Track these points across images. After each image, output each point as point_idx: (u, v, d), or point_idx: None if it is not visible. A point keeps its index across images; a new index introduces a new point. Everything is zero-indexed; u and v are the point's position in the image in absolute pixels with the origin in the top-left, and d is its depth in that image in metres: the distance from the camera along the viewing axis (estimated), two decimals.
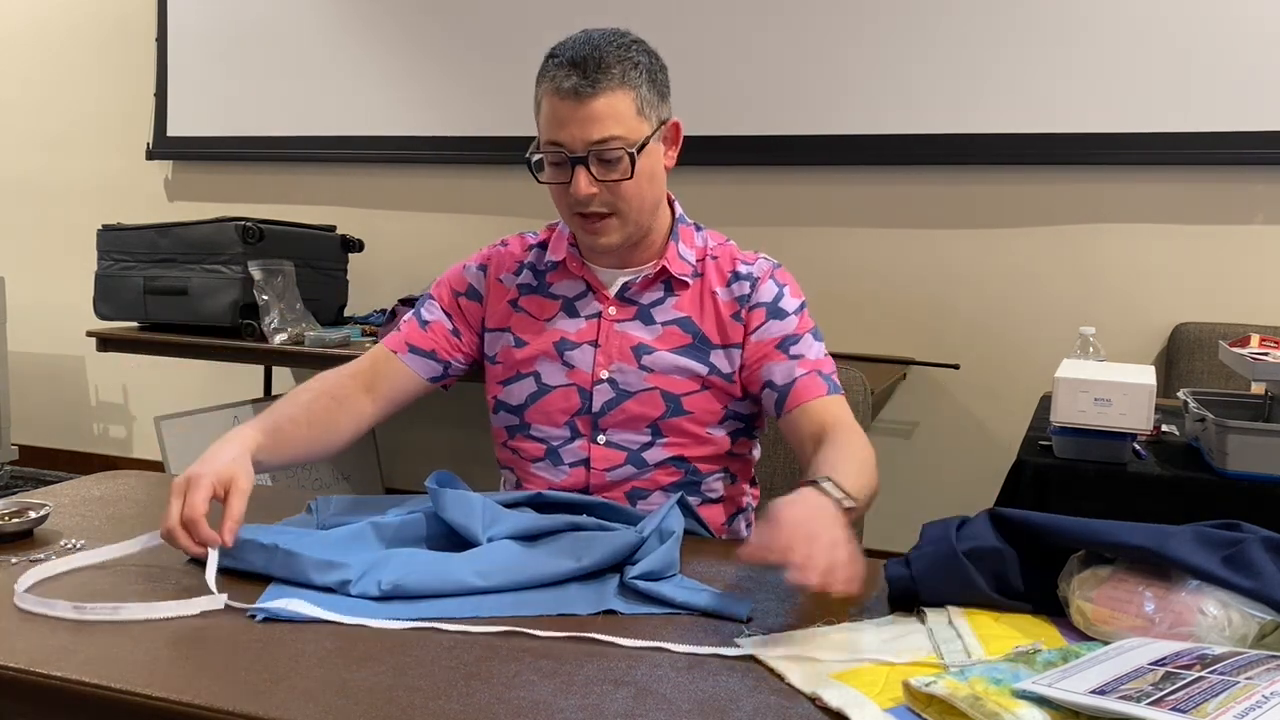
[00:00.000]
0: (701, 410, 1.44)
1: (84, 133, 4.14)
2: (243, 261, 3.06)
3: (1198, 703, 0.76)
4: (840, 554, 0.97)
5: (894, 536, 2.80)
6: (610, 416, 1.44)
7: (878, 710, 0.84)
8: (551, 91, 1.34)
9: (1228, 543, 0.98)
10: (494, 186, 3.58)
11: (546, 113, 1.35)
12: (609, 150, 1.34)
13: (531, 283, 1.50)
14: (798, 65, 3.18)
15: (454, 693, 0.87)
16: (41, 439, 4.31)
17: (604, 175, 1.35)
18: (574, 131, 1.33)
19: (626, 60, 1.34)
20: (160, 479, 1.56)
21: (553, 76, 1.34)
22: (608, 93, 1.32)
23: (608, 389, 1.43)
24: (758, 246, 1.60)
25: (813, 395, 1.42)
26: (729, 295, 1.46)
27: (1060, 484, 1.89)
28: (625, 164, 1.35)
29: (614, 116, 1.33)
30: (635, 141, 1.35)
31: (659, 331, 1.45)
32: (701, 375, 1.44)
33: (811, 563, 0.95)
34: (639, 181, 1.37)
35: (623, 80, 1.33)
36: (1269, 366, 1.88)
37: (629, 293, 1.46)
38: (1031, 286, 3.06)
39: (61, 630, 0.98)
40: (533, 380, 1.47)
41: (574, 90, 1.32)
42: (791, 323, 1.46)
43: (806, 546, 0.96)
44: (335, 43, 3.70)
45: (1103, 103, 2.91)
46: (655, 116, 1.38)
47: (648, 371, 1.43)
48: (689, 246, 1.49)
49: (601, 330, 1.45)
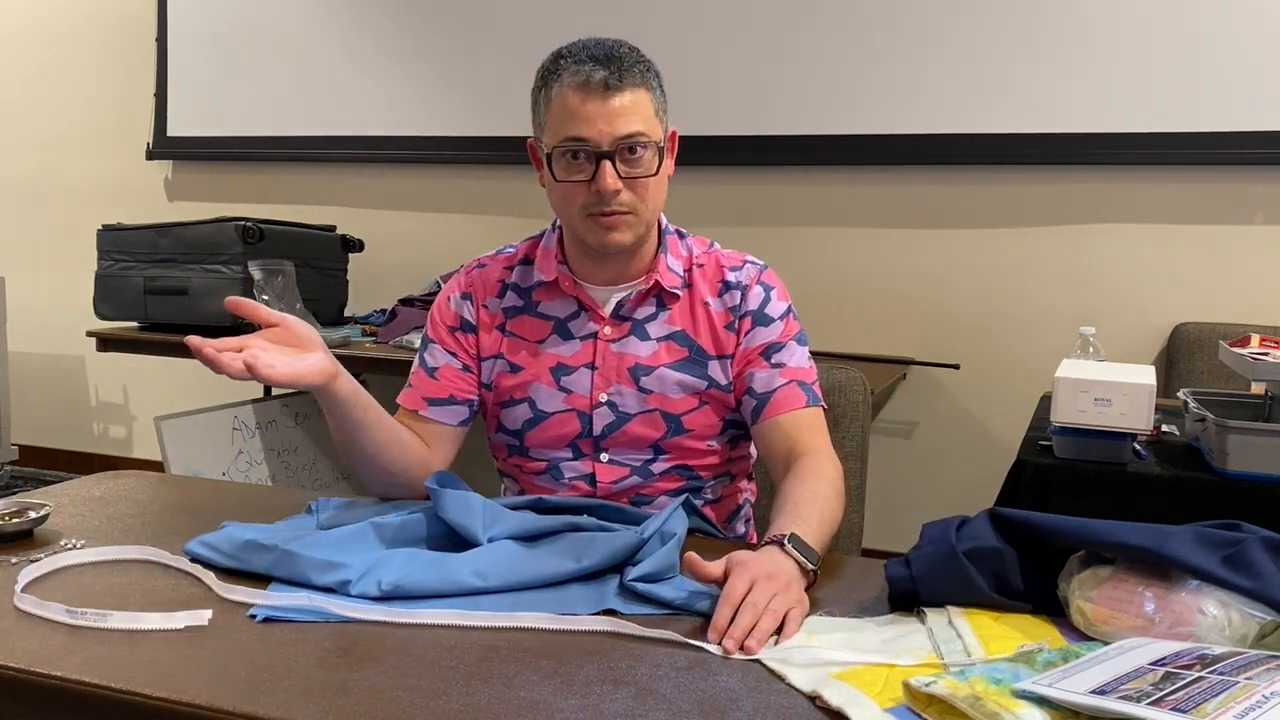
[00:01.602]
0: (701, 426, 1.43)
1: (84, 133, 4.14)
2: (243, 261, 3.06)
3: (1198, 703, 0.76)
4: (766, 624, 0.99)
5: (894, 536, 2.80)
6: (611, 439, 1.43)
7: (878, 710, 0.84)
8: (575, 87, 1.31)
9: (1228, 543, 0.98)
10: (494, 186, 3.58)
11: (566, 109, 1.32)
12: (637, 144, 1.32)
13: (517, 304, 1.47)
14: (798, 65, 3.18)
15: (454, 693, 0.87)
16: (41, 439, 4.31)
17: (629, 171, 1.33)
18: (601, 126, 1.30)
19: (642, 63, 1.35)
20: (160, 479, 1.56)
21: (575, 72, 1.31)
22: (633, 89, 1.32)
23: (607, 412, 1.42)
24: (757, 247, 1.60)
25: (790, 407, 1.40)
26: (721, 306, 1.45)
27: (1060, 484, 1.89)
28: (650, 159, 1.33)
29: (639, 113, 1.32)
30: (657, 141, 1.34)
31: (655, 347, 1.43)
32: (700, 390, 1.42)
33: (736, 631, 0.98)
34: (660, 180, 1.36)
35: (644, 80, 1.33)
36: (1269, 366, 1.88)
37: (622, 310, 1.44)
38: (1031, 286, 3.06)
39: (61, 630, 0.98)
40: (528, 406, 1.44)
41: (604, 83, 1.29)
42: (776, 329, 1.44)
43: (743, 616, 0.99)
44: (335, 43, 3.70)
45: (1103, 103, 2.90)
46: (666, 121, 1.38)
47: (647, 393, 1.42)
48: (676, 257, 1.46)
49: (598, 352, 1.43)
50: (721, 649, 0.97)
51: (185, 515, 1.36)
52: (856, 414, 1.71)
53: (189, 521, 1.32)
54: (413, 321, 3.03)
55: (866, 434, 1.73)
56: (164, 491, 1.48)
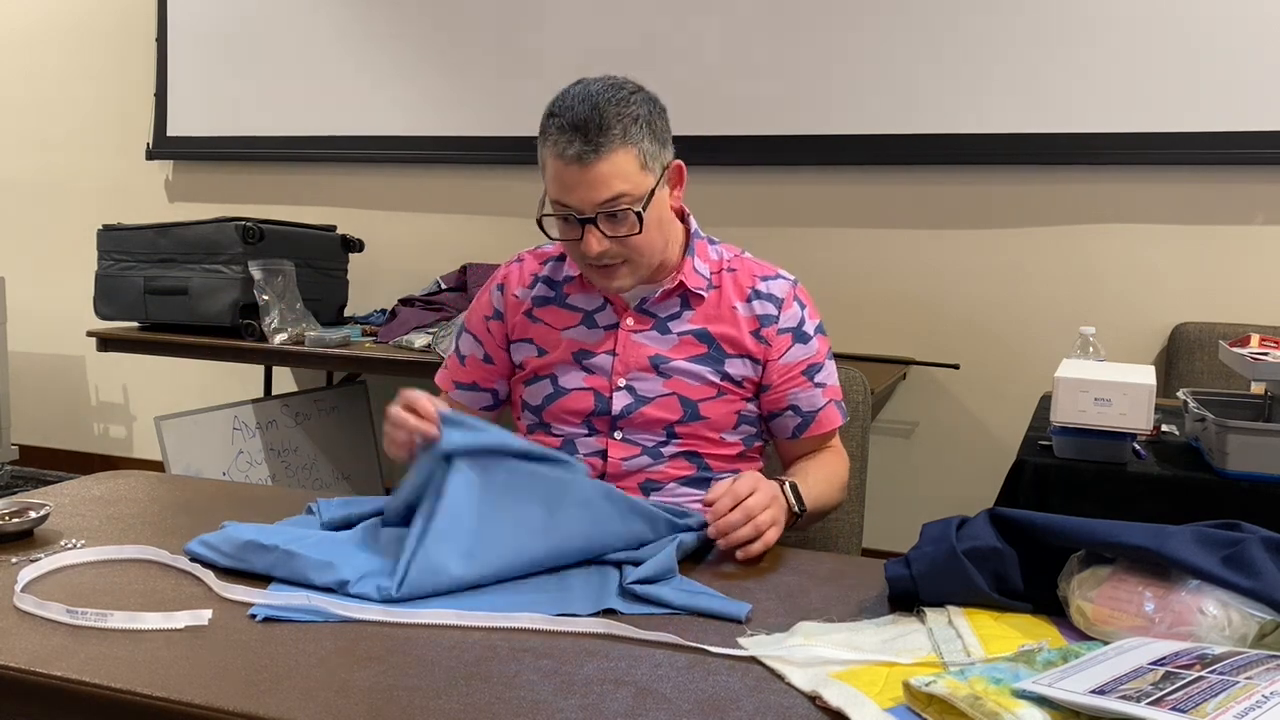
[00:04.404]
0: (717, 415, 1.47)
1: (84, 133, 4.14)
2: (243, 261, 3.06)
3: (1197, 703, 0.76)
4: (746, 532, 1.21)
5: (894, 536, 2.80)
6: (629, 420, 1.47)
7: (878, 710, 0.84)
8: (555, 156, 1.36)
9: (1228, 543, 0.98)
10: (494, 186, 3.58)
11: (552, 175, 1.38)
12: (616, 209, 1.36)
13: (547, 295, 1.54)
14: (798, 66, 3.18)
15: (454, 693, 0.87)
16: (41, 439, 4.31)
17: (613, 232, 1.37)
18: (581, 195, 1.35)
19: (626, 116, 1.35)
20: (160, 479, 1.56)
21: (555, 141, 1.35)
22: (610, 155, 1.34)
23: (626, 395, 1.46)
24: (757, 247, 1.61)
25: (831, 427, 1.54)
26: (749, 312, 1.49)
27: (1060, 484, 1.89)
28: (633, 221, 1.37)
29: (619, 176, 1.35)
30: (641, 197, 1.37)
31: (675, 342, 1.48)
32: (715, 383, 1.46)
33: (729, 527, 1.21)
34: (648, 232, 1.39)
35: (624, 139, 1.35)
36: (1269, 366, 1.88)
37: (646, 305, 1.49)
38: (1031, 286, 3.05)
39: (61, 630, 0.99)
40: (549, 383, 1.50)
41: (578, 156, 1.34)
42: (814, 346, 1.51)
43: (738, 516, 1.21)
44: (335, 42, 3.70)
45: (1103, 103, 2.90)
46: (658, 166, 1.40)
47: (665, 378, 1.46)
48: (704, 261, 1.52)
49: (619, 341, 1.48)
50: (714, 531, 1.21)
51: (185, 515, 1.36)
52: (856, 414, 1.71)
53: (189, 521, 1.33)
54: (413, 321, 3.02)
55: (866, 434, 1.74)
56: (164, 491, 1.48)
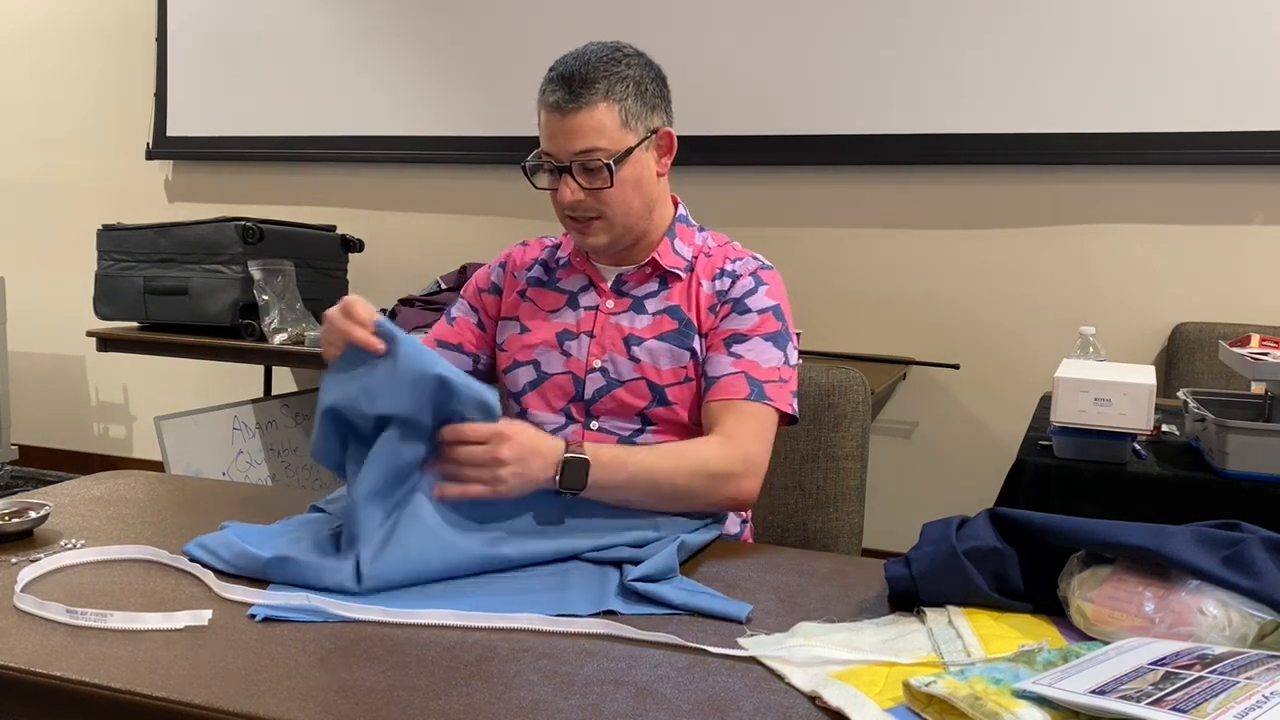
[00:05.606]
0: (684, 400, 1.48)
1: (84, 133, 4.14)
2: (243, 261, 3.06)
3: (1198, 703, 0.76)
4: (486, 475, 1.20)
5: (894, 536, 2.80)
6: (601, 404, 1.48)
7: (878, 710, 0.84)
8: (543, 105, 1.44)
9: (1227, 543, 0.98)
10: (494, 186, 3.58)
11: (541, 125, 1.46)
12: (590, 160, 1.42)
13: (541, 277, 1.59)
14: (798, 65, 3.18)
15: (454, 693, 0.87)
16: (41, 439, 4.31)
17: (588, 183, 1.44)
18: (559, 143, 1.43)
19: (613, 74, 1.42)
20: (160, 479, 1.56)
21: (544, 90, 1.44)
22: (590, 107, 1.41)
23: (599, 377, 1.49)
24: (756, 247, 1.61)
25: (729, 395, 1.42)
26: (711, 289, 1.51)
27: (1060, 484, 1.89)
28: (605, 174, 1.43)
29: (596, 129, 1.41)
30: (616, 152, 1.42)
31: (650, 320, 1.50)
32: (684, 364, 1.47)
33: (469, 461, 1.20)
34: (622, 189, 1.44)
35: (607, 94, 1.41)
36: (1269, 366, 1.88)
37: (624, 286, 1.53)
38: (1031, 286, 3.06)
39: (61, 630, 0.98)
40: (532, 368, 1.53)
41: (558, 105, 1.41)
42: (749, 320, 1.47)
43: (481, 455, 1.20)
44: (336, 43, 3.70)
45: (1103, 103, 2.91)
46: (643, 127, 1.45)
47: (635, 362, 1.48)
48: (686, 244, 1.55)
49: (597, 322, 1.52)
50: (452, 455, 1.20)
51: (185, 515, 1.36)
52: (856, 414, 1.71)
53: (189, 521, 1.33)
54: (413, 321, 3.02)
55: (866, 434, 1.73)
56: (164, 491, 1.48)
